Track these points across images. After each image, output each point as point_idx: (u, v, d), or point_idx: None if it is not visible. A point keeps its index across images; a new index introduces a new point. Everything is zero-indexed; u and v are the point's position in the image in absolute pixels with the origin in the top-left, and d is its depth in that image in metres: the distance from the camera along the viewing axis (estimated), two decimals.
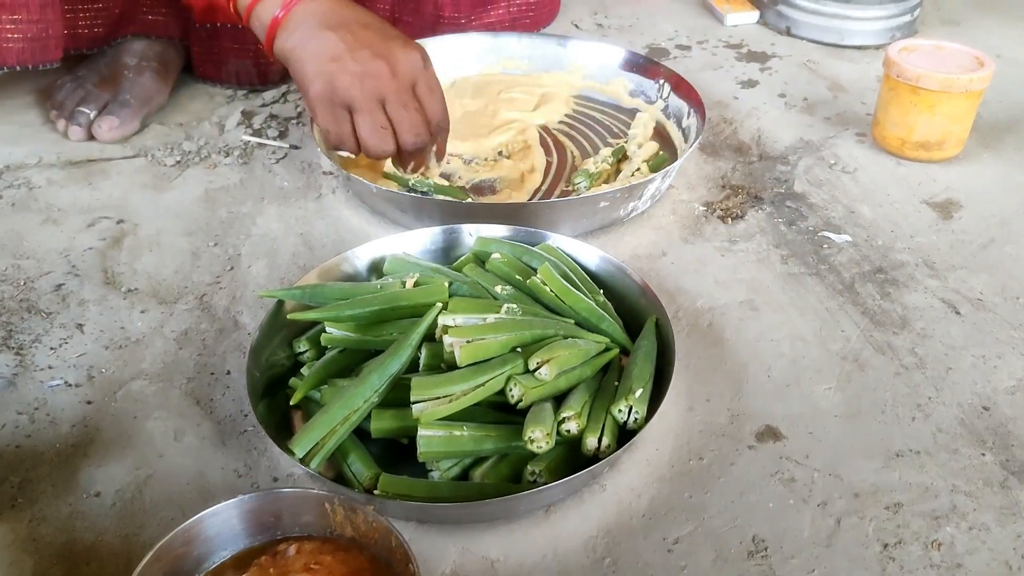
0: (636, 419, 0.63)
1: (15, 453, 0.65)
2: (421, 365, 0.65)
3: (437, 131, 0.84)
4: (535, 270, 0.73)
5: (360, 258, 0.77)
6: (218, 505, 0.54)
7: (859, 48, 1.27)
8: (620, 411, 0.63)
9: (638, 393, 0.63)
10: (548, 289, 0.70)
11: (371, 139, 0.79)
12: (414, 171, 0.86)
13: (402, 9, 1.22)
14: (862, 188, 0.96)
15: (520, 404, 0.62)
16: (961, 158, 1.00)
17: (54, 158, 0.99)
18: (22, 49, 0.96)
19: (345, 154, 0.81)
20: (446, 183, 0.92)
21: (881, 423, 0.68)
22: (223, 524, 0.54)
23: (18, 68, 0.97)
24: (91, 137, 1.02)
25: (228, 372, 0.73)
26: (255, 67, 1.12)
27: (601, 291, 0.74)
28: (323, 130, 0.81)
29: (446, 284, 0.70)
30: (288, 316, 0.69)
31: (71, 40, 1.05)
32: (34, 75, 1.04)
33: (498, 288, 0.72)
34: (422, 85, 0.81)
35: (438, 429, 0.60)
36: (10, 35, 0.95)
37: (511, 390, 0.62)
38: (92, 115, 1.02)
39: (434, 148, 0.86)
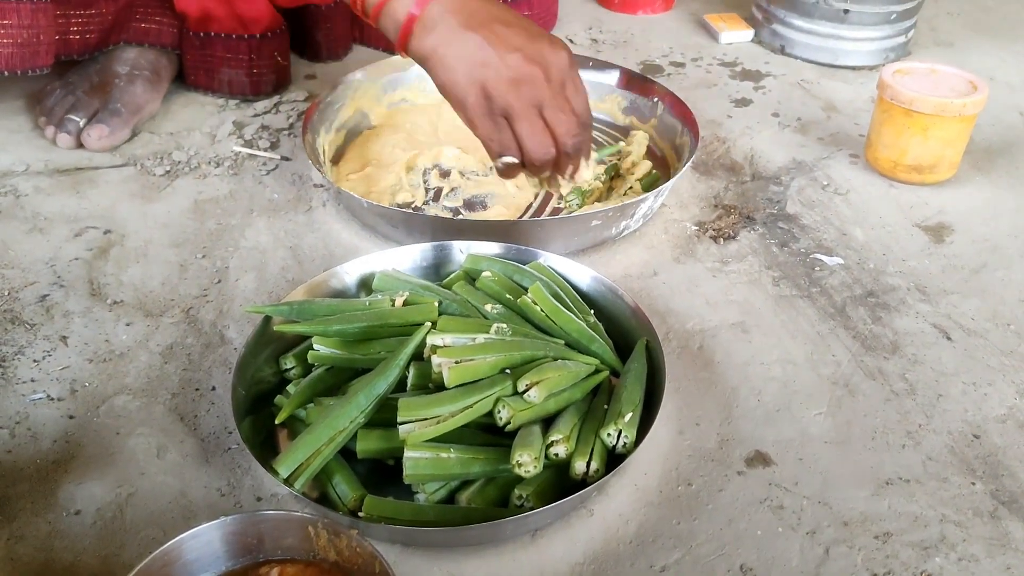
0: (625, 443, 0.62)
1: None
2: (409, 385, 0.64)
3: (584, 131, 0.78)
4: (526, 289, 0.72)
5: (349, 274, 0.76)
6: (199, 527, 0.53)
7: (853, 68, 1.28)
8: (609, 435, 0.62)
9: (627, 417, 0.62)
10: (539, 309, 0.69)
11: (535, 146, 0.74)
12: (571, 177, 0.79)
13: None
14: (854, 210, 0.96)
15: (508, 426, 0.62)
16: (954, 181, 1.00)
17: (42, 166, 0.99)
18: (11, 55, 0.96)
19: (508, 159, 0.75)
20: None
21: (871, 450, 0.68)
22: (204, 546, 0.53)
23: (6, 74, 0.96)
24: (80, 145, 1.01)
25: (213, 388, 0.72)
26: (247, 77, 1.12)
27: (592, 311, 0.74)
28: (486, 142, 0.76)
29: (436, 304, 0.69)
30: (275, 328, 0.69)
31: (62, 46, 1.04)
32: (23, 80, 1.03)
33: (488, 307, 0.71)
34: (570, 86, 0.76)
35: (425, 451, 0.59)
36: (0, 40, 0.94)
37: (499, 412, 0.62)
38: (82, 123, 1.01)
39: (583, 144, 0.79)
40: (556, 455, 0.61)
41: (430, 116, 1.06)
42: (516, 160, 0.75)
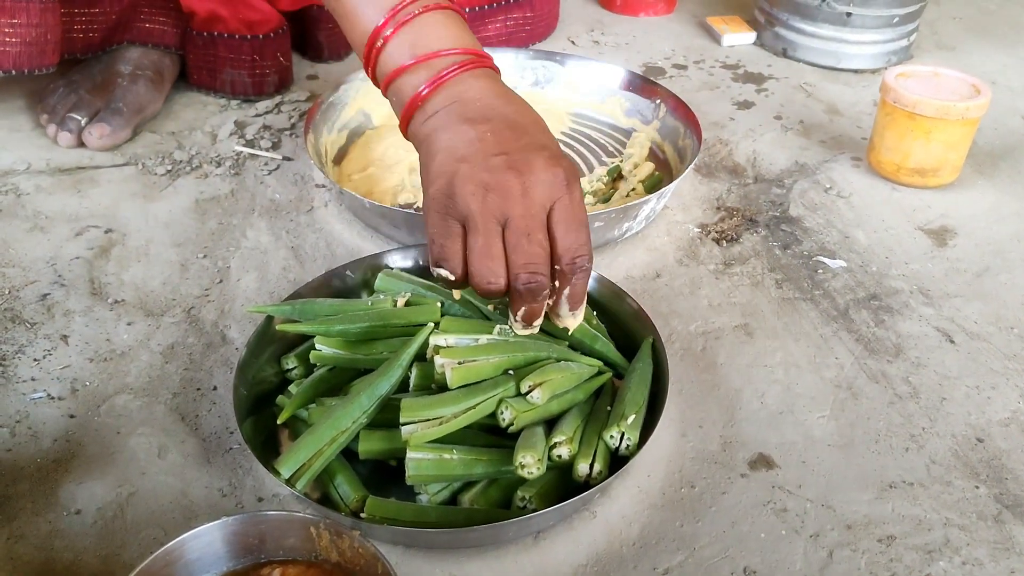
0: (628, 445, 0.62)
1: None
2: (411, 386, 0.64)
3: (572, 270, 0.62)
4: None
5: (351, 274, 0.76)
6: (201, 527, 0.53)
7: (855, 72, 1.28)
8: (612, 437, 0.62)
9: (631, 419, 0.62)
10: None
11: (479, 265, 0.60)
12: (525, 321, 0.63)
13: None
14: (857, 213, 0.96)
15: (511, 428, 0.61)
16: (956, 185, 1.00)
17: (43, 164, 0.98)
18: (19, 53, 0.95)
19: (441, 271, 0.62)
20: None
21: (874, 453, 0.68)
22: (206, 547, 0.53)
23: (14, 72, 0.96)
24: (81, 144, 1.01)
25: (214, 388, 0.71)
26: (250, 77, 1.11)
27: (595, 312, 0.74)
28: (429, 242, 0.63)
29: (438, 304, 0.69)
30: (277, 327, 0.68)
31: (66, 45, 1.04)
32: (26, 79, 1.02)
33: (490, 306, 0.71)
34: (559, 211, 0.61)
35: (427, 452, 0.59)
36: (9, 39, 0.94)
37: (502, 413, 0.62)
38: (83, 122, 1.01)
39: (566, 293, 0.63)
40: (559, 457, 0.61)
41: None
42: (451, 277, 0.62)
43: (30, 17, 0.94)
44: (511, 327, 0.64)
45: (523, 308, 0.62)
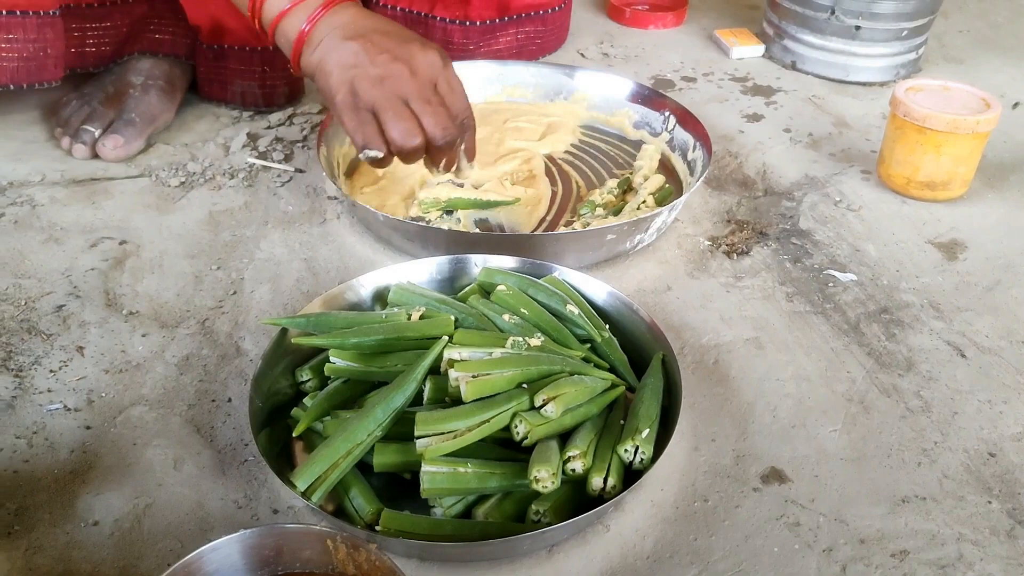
0: (642, 459, 0.62)
1: (12, 479, 0.64)
2: (425, 399, 0.64)
3: (463, 128, 0.82)
4: (540, 303, 0.73)
5: (365, 287, 0.76)
6: (219, 540, 0.53)
7: (864, 85, 1.28)
8: (626, 451, 0.62)
9: (645, 433, 0.62)
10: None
11: (398, 134, 0.78)
12: (446, 170, 0.84)
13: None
14: (867, 226, 0.96)
15: (525, 441, 0.62)
16: (966, 198, 1.01)
17: (57, 176, 0.99)
18: (17, 68, 0.96)
19: (372, 153, 0.79)
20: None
21: (887, 467, 0.68)
22: (223, 559, 0.53)
23: (12, 87, 0.96)
24: (95, 155, 1.02)
25: (229, 399, 0.72)
26: (261, 89, 1.12)
27: (607, 326, 0.74)
28: (351, 135, 0.80)
29: (452, 318, 0.69)
30: (292, 340, 0.69)
31: (78, 58, 1.05)
32: (39, 92, 1.03)
33: (505, 316, 0.71)
34: (443, 83, 0.80)
35: (442, 465, 0.59)
36: (5, 54, 0.95)
37: (516, 427, 0.62)
38: (97, 133, 1.02)
39: (463, 146, 0.84)
40: (573, 471, 0.61)
41: None
42: (379, 153, 0.79)
43: (27, 32, 0.95)
44: (434, 175, 0.86)
45: (444, 159, 0.82)
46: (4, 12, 0.93)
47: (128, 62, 1.09)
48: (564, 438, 0.63)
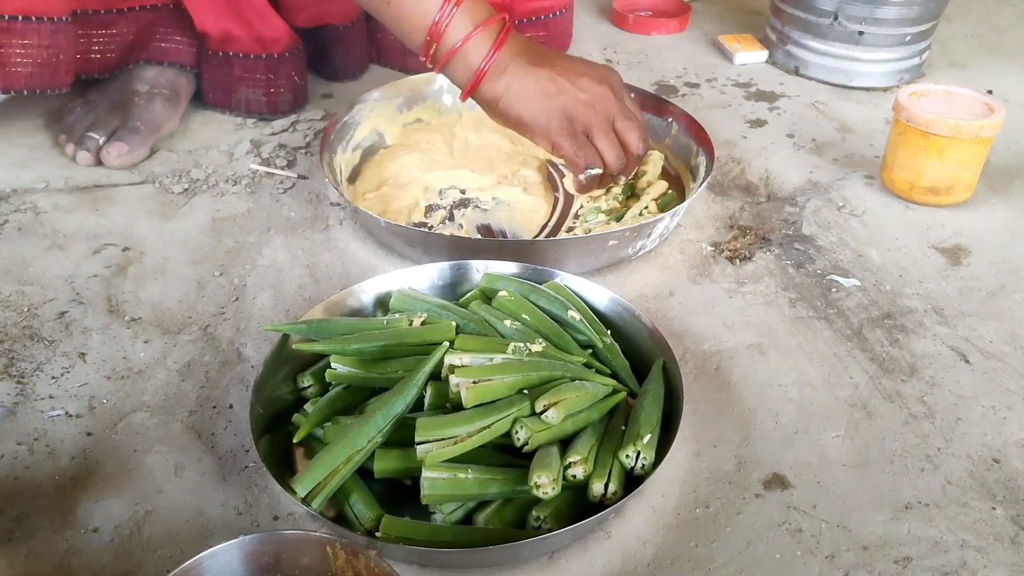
0: (644, 465, 0.62)
1: (13, 485, 0.64)
2: (426, 405, 0.64)
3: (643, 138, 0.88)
4: (542, 308, 0.73)
5: (367, 292, 0.76)
6: (218, 546, 0.53)
7: (867, 90, 1.28)
8: (628, 456, 0.62)
9: (646, 438, 0.62)
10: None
11: (614, 157, 0.84)
12: (628, 175, 0.90)
13: None
14: (870, 231, 0.96)
15: (526, 447, 0.61)
16: (970, 203, 1.00)
17: (61, 183, 0.99)
18: (30, 74, 0.97)
19: (594, 171, 0.84)
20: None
21: (890, 473, 0.68)
22: (223, 566, 0.53)
23: (25, 92, 0.97)
24: (99, 163, 1.02)
25: (230, 406, 0.72)
26: (265, 96, 1.13)
27: (608, 331, 0.74)
28: (571, 158, 0.83)
29: (453, 324, 0.69)
30: (293, 346, 0.69)
31: (83, 65, 1.05)
32: (43, 98, 1.04)
33: (507, 322, 0.71)
34: (627, 100, 0.87)
35: (442, 471, 0.59)
36: (19, 59, 0.95)
37: (517, 433, 0.62)
38: (101, 140, 1.02)
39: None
40: (574, 476, 0.61)
41: (445, 136, 1.07)
42: (601, 171, 0.84)
43: (41, 39, 0.96)
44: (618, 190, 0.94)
45: (635, 169, 0.89)
46: (20, 18, 0.93)
47: (133, 70, 1.09)
48: (565, 444, 0.63)
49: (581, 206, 0.97)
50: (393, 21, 0.84)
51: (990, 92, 0.96)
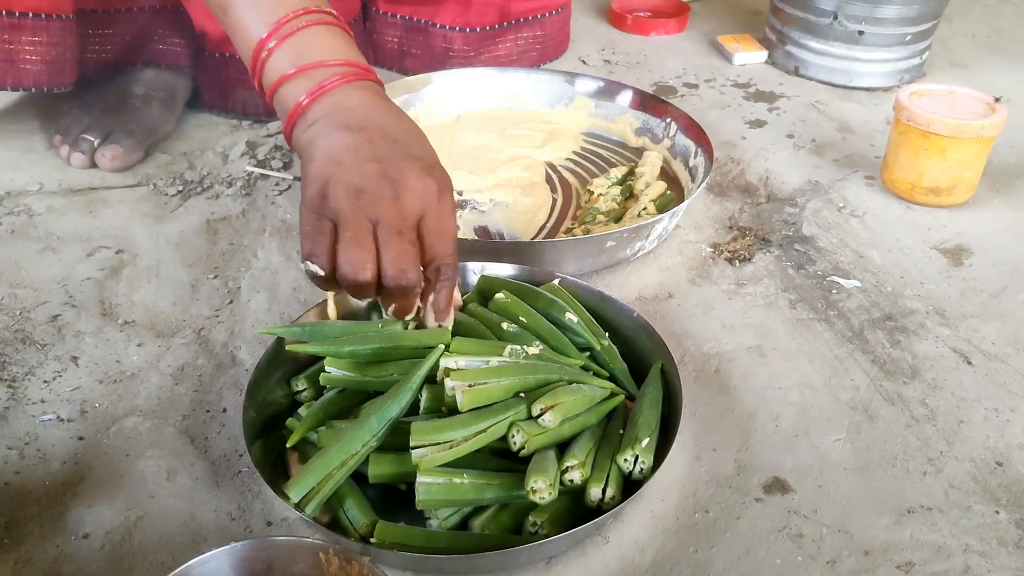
0: (642, 469, 0.61)
1: (3, 490, 0.63)
2: (422, 408, 0.63)
3: (438, 277, 0.66)
4: (539, 310, 0.72)
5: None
6: (209, 553, 0.52)
7: (868, 90, 1.27)
8: (626, 460, 0.61)
9: (644, 442, 0.61)
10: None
11: (345, 259, 0.62)
12: (396, 316, 0.67)
13: (411, 42, 1.22)
14: (871, 232, 0.95)
15: (523, 451, 0.61)
16: (971, 203, 0.99)
17: (55, 185, 0.99)
18: (39, 71, 0.96)
19: (311, 267, 0.62)
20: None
21: (892, 477, 0.67)
22: (214, 572, 0.52)
23: (34, 90, 0.97)
24: (94, 165, 1.01)
25: (224, 410, 0.71)
26: (261, 97, 1.11)
27: (606, 334, 0.73)
28: (301, 240, 0.64)
29: (448, 329, 0.68)
30: (287, 347, 0.68)
31: (79, 66, 1.04)
32: (38, 100, 1.03)
33: (504, 324, 0.70)
34: (431, 219, 0.65)
35: (438, 476, 0.58)
36: (28, 56, 0.95)
37: (513, 437, 0.61)
38: (96, 143, 1.01)
39: (430, 299, 0.67)
40: (571, 481, 0.60)
41: (442, 138, 1.06)
42: (321, 272, 0.62)
43: (51, 36, 0.95)
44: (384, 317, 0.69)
45: (393, 304, 0.65)
46: (30, 15, 0.93)
47: (130, 72, 1.09)
48: (562, 448, 0.62)
49: (579, 208, 0.96)
50: (231, 37, 0.73)
51: (998, 100, 0.95)
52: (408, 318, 0.67)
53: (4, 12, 0.91)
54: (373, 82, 0.69)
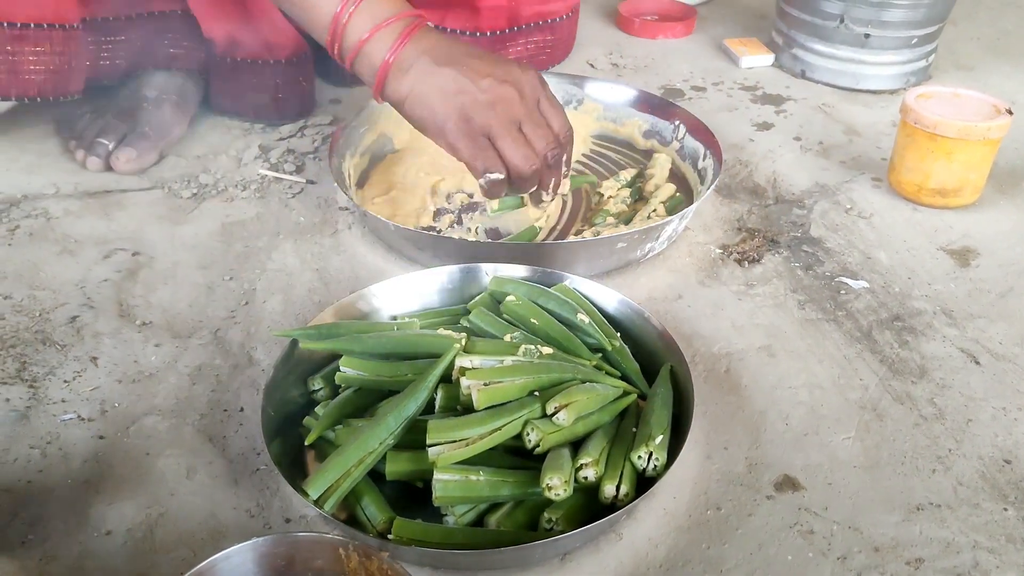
0: (656, 466, 0.62)
1: (26, 488, 0.64)
2: (437, 407, 0.64)
3: (566, 143, 0.84)
4: (551, 312, 0.73)
5: (376, 296, 0.76)
6: (230, 548, 0.53)
7: (874, 92, 1.28)
8: (640, 457, 0.62)
9: (659, 439, 0.62)
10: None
11: (517, 159, 0.79)
12: (554, 190, 0.85)
13: None
14: (878, 234, 0.96)
15: (537, 449, 0.62)
16: (978, 205, 1.00)
17: (71, 188, 1.00)
18: (44, 81, 0.97)
19: (494, 176, 0.79)
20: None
21: (901, 475, 0.68)
22: (236, 568, 0.53)
23: (39, 100, 0.98)
24: (109, 168, 1.03)
25: (241, 409, 0.72)
26: (273, 101, 1.13)
27: (618, 334, 0.74)
28: (470, 162, 0.80)
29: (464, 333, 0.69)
30: (303, 345, 0.69)
31: (92, 72, 1.06)
32: (53, 105, 1.04)
33: (506, 337, 0.70)
34: (544, 102, 0.81)
35: (454, 473, 0.59)
36: (32, 66, 0.96)
37: (528, 435, 0.62)
38: (110, 146, 1.02)
39: (564, 158, 0.84)
40: (585, 478, 0.61)
41: None
42: (501, 176, 0.79)
43: (54, 45, 0.96)
44: (537, 201, 0.86)
45: (552, 180, 0.83)
46: (32, 25, 0.94)
47: (142, 76, 1.10)
48: (576, 446, 0.63)
49: (589, 210, 0.97)
50: (299, 18, 0.83)
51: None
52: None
53: (6, 24, 0.93)
54: (428, 24, 0.81)
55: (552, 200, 0.86)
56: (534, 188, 0.83)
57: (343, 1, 0.78)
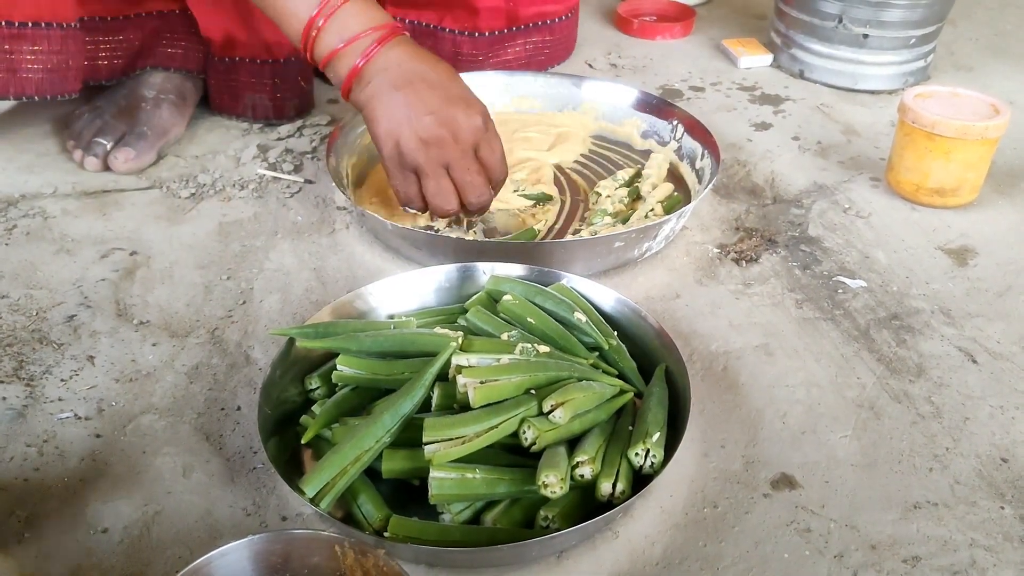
0: (653, 463, 0.62)
1: (23, 486, 0.64)
2: (434, 405, 0.64)
3: (498, 187, 0.88)
4: (548, 311, 0.73)
5: (373, 295, 0.76)
6: (226, 546, 0.53)
7: (872, 93, 1.28)
8: (637, 455, 0.62)
9: (655, 437, 0.62)
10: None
11: (438, 201, 0.83)
12: (469, 227, 0.92)
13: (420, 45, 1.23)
14: (876, 233, 0.96)
15: (534, 447, 0.61)
16: (976, 205, 1.00)
17: (69, 188, 1.00)
18: (41, 80, 0.97)
19: (412, 210, 0.87)
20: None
21: (898, 473, 0.68)
22: (232, 565, 0.53)
23: (36, 98, 0.98)
24: (107, 168, 1.03)
25: (238, 408, 0.72)
26: (271, 101, 1.13)
27: (615, 333, 0.74)
28: (394, 190, 0.85)
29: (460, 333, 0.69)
30: (299, 344, 0.69)
31: (90, 71, 1.06)
32: (52, 105, 1.05)
33: (504, 335, 0.70)
34: (484, 147, 0.84)
35: (450, 471, 0.59)
36: (30, 65, 0.96)
37: (525, 433, 0.62)
38: (108, 146, 1.02)
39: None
40: (582, 476, 0.61)
41: None
42: (417, 212, 0.88)
43: (51, 44, 0.96)
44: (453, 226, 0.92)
45: (476, 216, 0.90)
46: (30, 24, 0.94)
47: (140, 76, 1.10)
48: (572, 444, 0.63)
49: (587, 209, 0.97)
50: (274, 21, 0.86)
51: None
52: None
53: (4, 23, 0.93)
54: (402, 35, 0.84)
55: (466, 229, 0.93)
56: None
57: (318, 8, 0.81)
